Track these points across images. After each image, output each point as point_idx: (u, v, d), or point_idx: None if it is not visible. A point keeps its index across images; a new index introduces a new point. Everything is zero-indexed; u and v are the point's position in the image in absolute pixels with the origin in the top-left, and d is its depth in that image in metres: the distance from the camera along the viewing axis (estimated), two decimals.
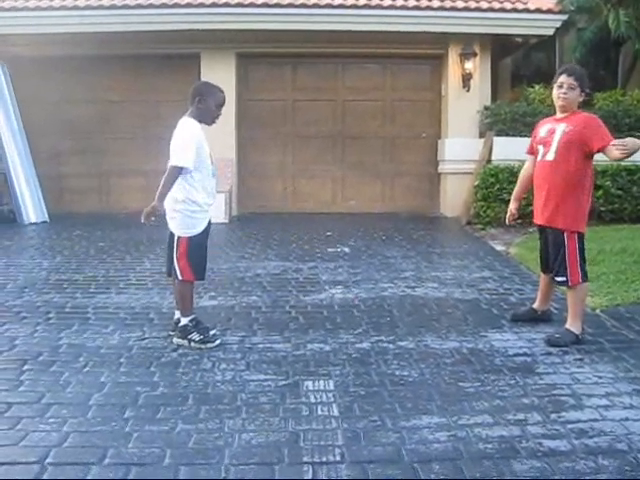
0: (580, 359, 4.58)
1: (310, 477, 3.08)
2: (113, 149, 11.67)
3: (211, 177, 4.84)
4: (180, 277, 4.84)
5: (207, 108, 4.79)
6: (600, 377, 4.26)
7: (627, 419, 3.66)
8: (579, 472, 3.11)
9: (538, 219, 5.10)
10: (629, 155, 4.50)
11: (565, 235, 4.86)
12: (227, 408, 3.82)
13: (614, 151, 4.51)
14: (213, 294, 6.25)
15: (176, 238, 4.81)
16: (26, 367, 4.41)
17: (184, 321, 4.86)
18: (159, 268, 6.78)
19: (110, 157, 11.69)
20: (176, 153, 4.65)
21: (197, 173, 4.71)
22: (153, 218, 4.74)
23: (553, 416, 3.71)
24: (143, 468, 3.17)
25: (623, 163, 9.77)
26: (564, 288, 5.17)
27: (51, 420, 3.66)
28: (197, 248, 4.82)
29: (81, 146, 11.62)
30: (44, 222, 10.72)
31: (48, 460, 3.23)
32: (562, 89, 4.87)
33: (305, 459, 3.25)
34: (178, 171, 4.63)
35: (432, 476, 3.08)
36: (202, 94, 4.80)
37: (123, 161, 11.60)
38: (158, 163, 5.02)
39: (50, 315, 5.59)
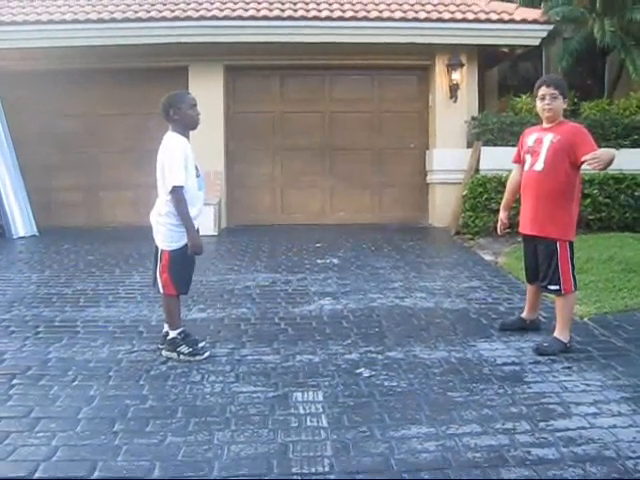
0: (568, 367, 4.60)
1: None
2: (103, 162, 11.66)
3: (197, 190, 4.82)
4: (162, 291, 4.85)
5: (184, 115, 4.76)
6: (588, 385, 4.29)
7: (615, 426, 3.68)
8: None
9: (526, 229, 5.12)
10: (605, 166, 4.53)
11: (558, 244, 4.89)
12: (216, 420, 3.82)
13: (590, 164, 4.53)
14: (202, 306, 6.25)
15: (160, 251, 4.82)
16: (15, 381, 4.40)
17: (173, 334, 4.86)
18: (148, 281, 6.74)
19: (100, 170, 11.68)
20: (173, 172, 4.60)
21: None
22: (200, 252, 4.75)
23: (541, 424, 3.73)
24: None
25: (610, 172, 9.85)
26: (552, 297, 5.19)
27: (40, 434, 3.65)
28: (179, 262, 4.79)
29: (71, 159, 11.60)
30: (33, 236, 10.69)
31: (37, 475, 3.23)
32: (545, 100, 4.91)
33: (294, 470, 3.26)
34: (182, 190, 4.62)
35: None
36: (172, 105, 4.74)
37: (113, 174, 11.59)
38: (148, 176, 5.02)
39: (39, 329, 5.58)
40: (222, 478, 3.20)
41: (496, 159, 10.03)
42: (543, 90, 4.92)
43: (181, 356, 4.79)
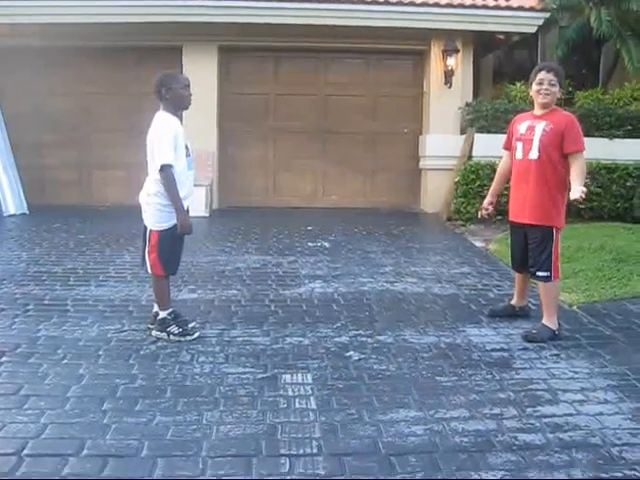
0: (556, 354, 4.63)
1: (287, 469, 3.11)
2: (95, 141, 11.59)
3: (187, 170, 4.79)
4: (150, 271, 4.85)
5: (176, 95, 4.73)
6: (576, 372, 4.32)
7: (601, 414, 3.71)
8: (553, 465, 3.16)
9: (517, 217, 5.12)
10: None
11: (553, 231, 4.91)
12: (205, 400, 3.83)
13: (578, 194, 4.56)
14: (192, 287, 6.25)
15: (148, 231, 4.80)
16: (4, 359, 4.39)
17: (163, 314, 4.86)
18: (138, 261, 6.75)
19: (92, 149, 11.61)
20: (162, 152, 4.58)
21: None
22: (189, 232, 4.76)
23: (529, 410, 3.75)
24: (121, 460, 3.17)
25: (602, 162, 9.88)
26: (537, 283, 5.21)
27: (29, 412, 3.65)
28: (168, 242, 4.78)
29: (63, 138, 11.53)
30: (23, 214, 10.64)
31: (25, 452, 3.22)
32: (543, 85, 4.89)
33: (282, 451, 3.27)
34: (170, 169, 4.59)
35: (408, 469, 3.11)
36: (165, 84, 4.72)
37: (105, 153, 11.52)
38: (139, 156, 5.00)
39: (29, 307, 5.56)
40: (211, 457, 3.20)
41: (489, 146, 10.02)
42: (542, 75, 4.90)
43: (171, 336, 4.79)
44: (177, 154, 4.65)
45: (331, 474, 3.07)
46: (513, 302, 5.49)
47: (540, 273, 4.98)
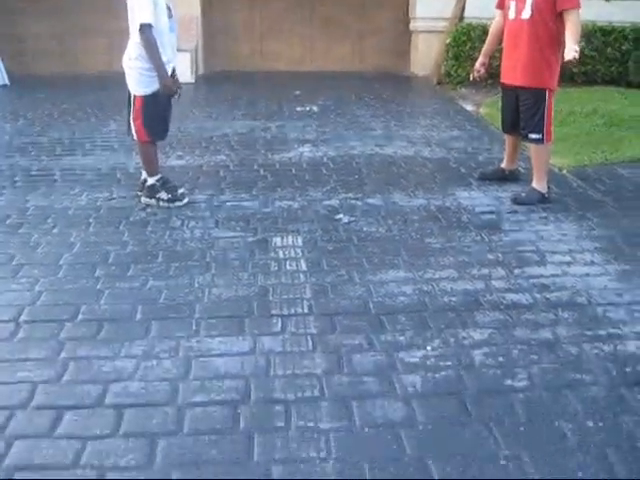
0: (545, 217, 4.66)
1: (279, 329, 3.18)
2: (74, 7, 11.14)
3: (169, 32, 4.62)
4: (135, 138, 4.78)
5: None
6: (564, 235, 4.36)
7: (588, 275, 3.78)
8: (539, 324, 3.24)
9: (509, 79, 5.00)
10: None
11: (546, 93, 4.82)
12: (196, 264, 3.88)
13: (571, 54, 4.40)
14: (180, 153, 6.19)
15: (132, 97, 4.69)
16: None
17: (151, 181, 4.83)
18: (124, 129, 6.66)
19: (71, 16, 11.17)
20: (142, 10, 4.40)
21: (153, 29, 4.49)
22: (176, 94, 4.69)
23: (517, 271, 3.81)
24: (115, 323, 3.24)
25: (598, 23, 9.60)
26: (528, 146, 5.17)
27: (23, 280, 3.69)
28: (152, 107, 4.67)
29: (41, 4, 11.09)
30: (4, 85, 10.35)
31: (22, 318, 3.29)
32: None
33: (274, 312, 3.34)
34: (150, 28, 4.41)
35: (398, 327, 3.19)
36: None
37: (85, 20, 11.10)
38: (122, 22, 4.81)
39: (16, 178, 5.52)
40: (204, 319, 3.27)
41: (482, 7, 9.66)
42: None
43: (160, 202, 4.79)
44: (157, 13, 4.47)
45: (322, 332, 3.14)
46: (503, 165, 5.46)
47: (532, 135, 4.92)
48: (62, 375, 2.82)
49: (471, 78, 5.52)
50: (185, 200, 4.86)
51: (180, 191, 4.92)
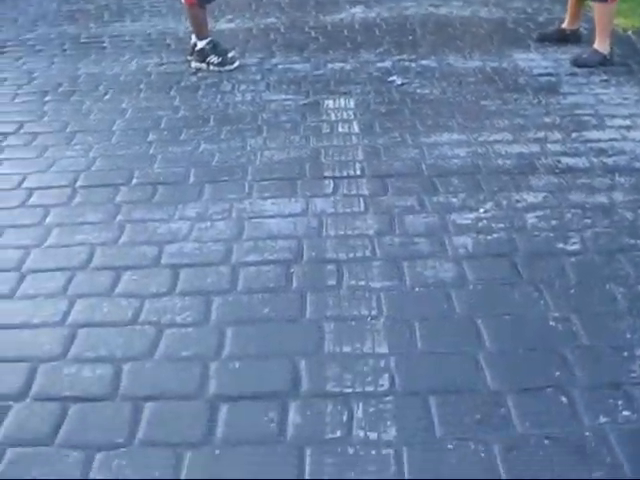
0: (606, 80, 4.44)
1: (331, 190, 3.18)
2: None
3: None
4: (183, 1, 4.71)
5: None
6: (625, 98, 4.16)
7: None
8: (595, 188, 3.15)
9: None
10: None
11: None
12: (248, 127, 3.86)
13: None
14: (230, 17, 6.03)
15: None
16: (47, 98, 4.44)
17: (201, 44, 4.76)
18: None
19: None
20: None
21: None
22: None
23: (574, 135, 3.69)
24: (169, 186, 3.29)
25: None
26: (591, 5, 4.90)
27: (77, 147, 3.75)
28: None
29: None
30: None
31: (78, 183, 3.36)
32: None
33: (326, 174, 3.33)
34: None
35: (450, 189, 3.16)
36: None
37: None
38: None
39: (65, 47, 5.48)
40: (256, 181, 3.28)
41: None
42: None
43: (210, 66, 4.73)
44: None
45: (374, 194, 3.13)
46: (564, 25, 5.18)
47: None
48: (119, 237, 2.89)
49: None
50: (236, 63, 4.78)
51: (230, 54, 4.83)
